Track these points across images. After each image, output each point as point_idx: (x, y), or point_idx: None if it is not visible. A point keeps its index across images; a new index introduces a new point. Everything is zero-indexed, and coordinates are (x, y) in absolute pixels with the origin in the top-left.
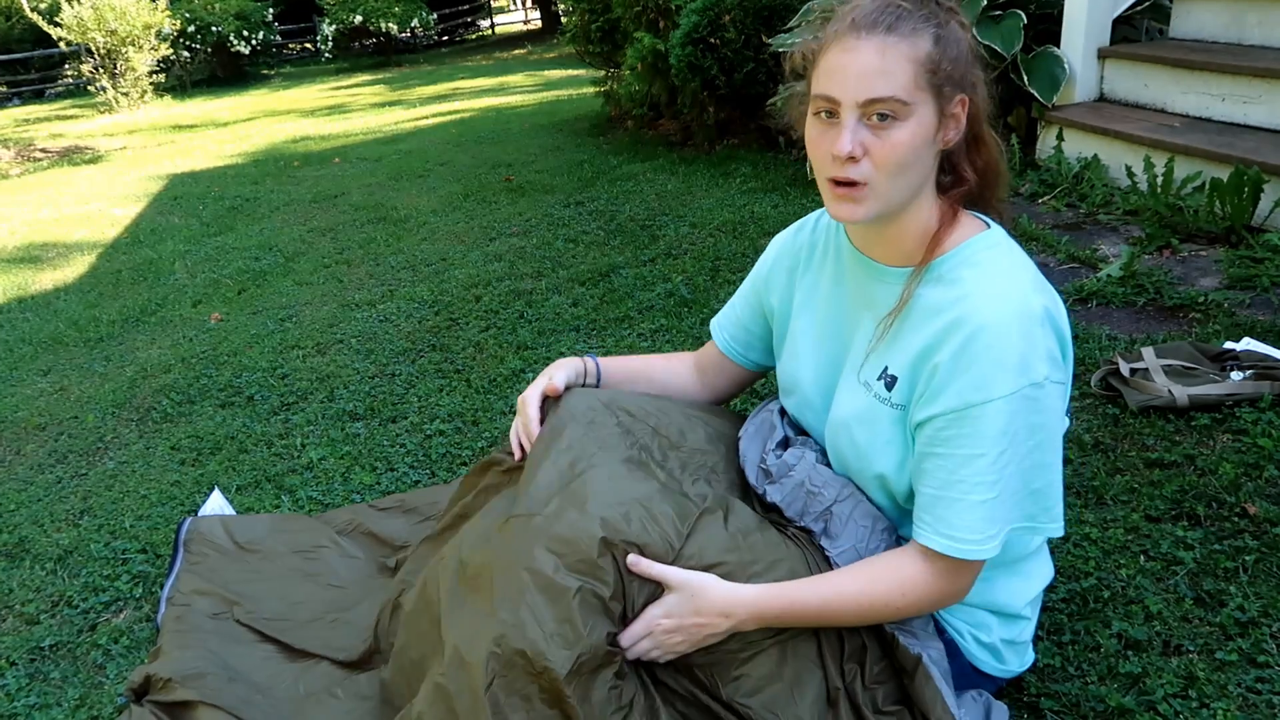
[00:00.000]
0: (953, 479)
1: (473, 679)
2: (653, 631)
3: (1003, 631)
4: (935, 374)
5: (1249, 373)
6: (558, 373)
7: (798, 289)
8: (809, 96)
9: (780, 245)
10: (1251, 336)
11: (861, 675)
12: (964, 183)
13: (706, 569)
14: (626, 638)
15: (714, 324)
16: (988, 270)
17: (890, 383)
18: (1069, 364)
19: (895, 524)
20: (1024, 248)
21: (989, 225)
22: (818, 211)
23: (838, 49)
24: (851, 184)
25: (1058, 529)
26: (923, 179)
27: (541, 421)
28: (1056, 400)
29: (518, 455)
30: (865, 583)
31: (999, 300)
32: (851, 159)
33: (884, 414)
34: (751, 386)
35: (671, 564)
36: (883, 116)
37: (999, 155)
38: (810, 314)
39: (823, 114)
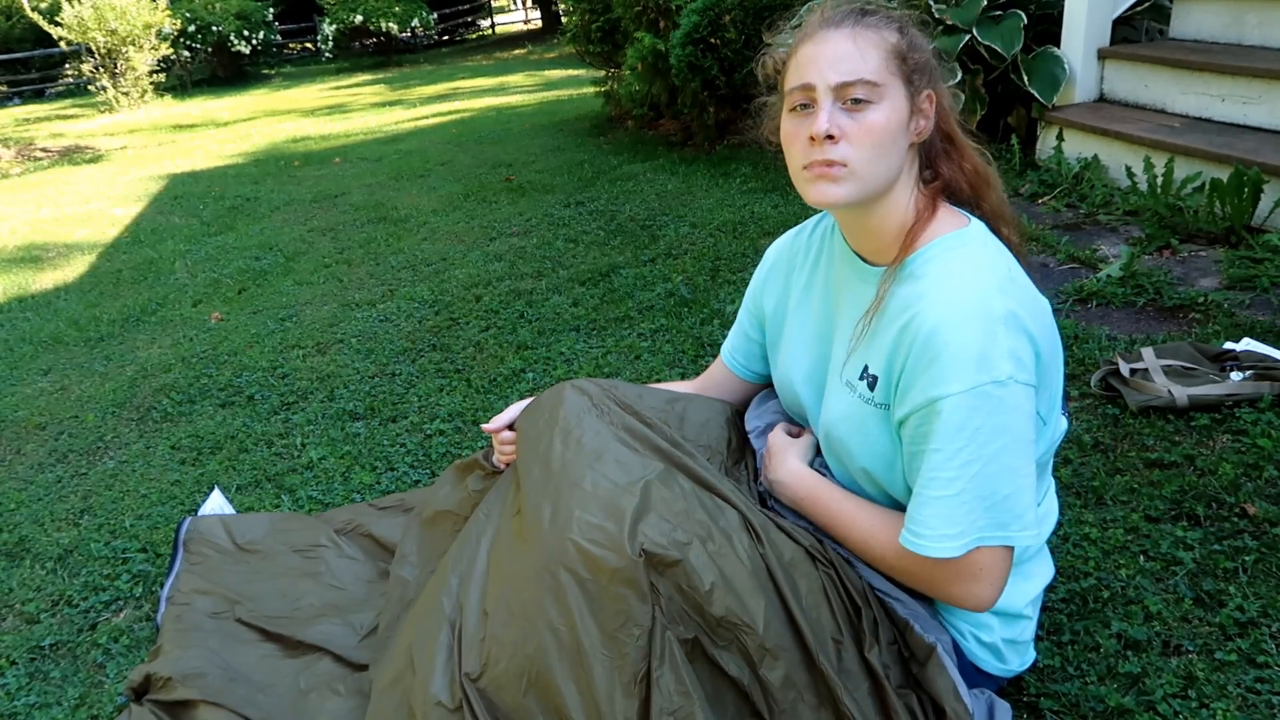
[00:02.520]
0: (922, 475)
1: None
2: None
3: (1004, 631)
4: (903, 373)
5: (1248, 373)
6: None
7: (791, 292)
8: (782, 101)
9: (778, 250)
10: (1251, 337)
11: (879, 650)
12: (941, 179)
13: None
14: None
15: (726, 341)
16: (948, 268)
17: (872, 382)
18: (1049, 369)
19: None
20: (1025, 249)
21: (969, 221)
22: (816, 216)
23: (810, 44)
24: (830, 163)
25: (1030, 537)
26: (899, 166)
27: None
28: (1024, 401)
29: (502, 467)
30: (881, 528)
31: (954, 299)
32: (830, 138)
33: (870, 414)
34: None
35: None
36: (857, 101)
37: (981, 161)
38: (802, 317)
39: (798, 107)
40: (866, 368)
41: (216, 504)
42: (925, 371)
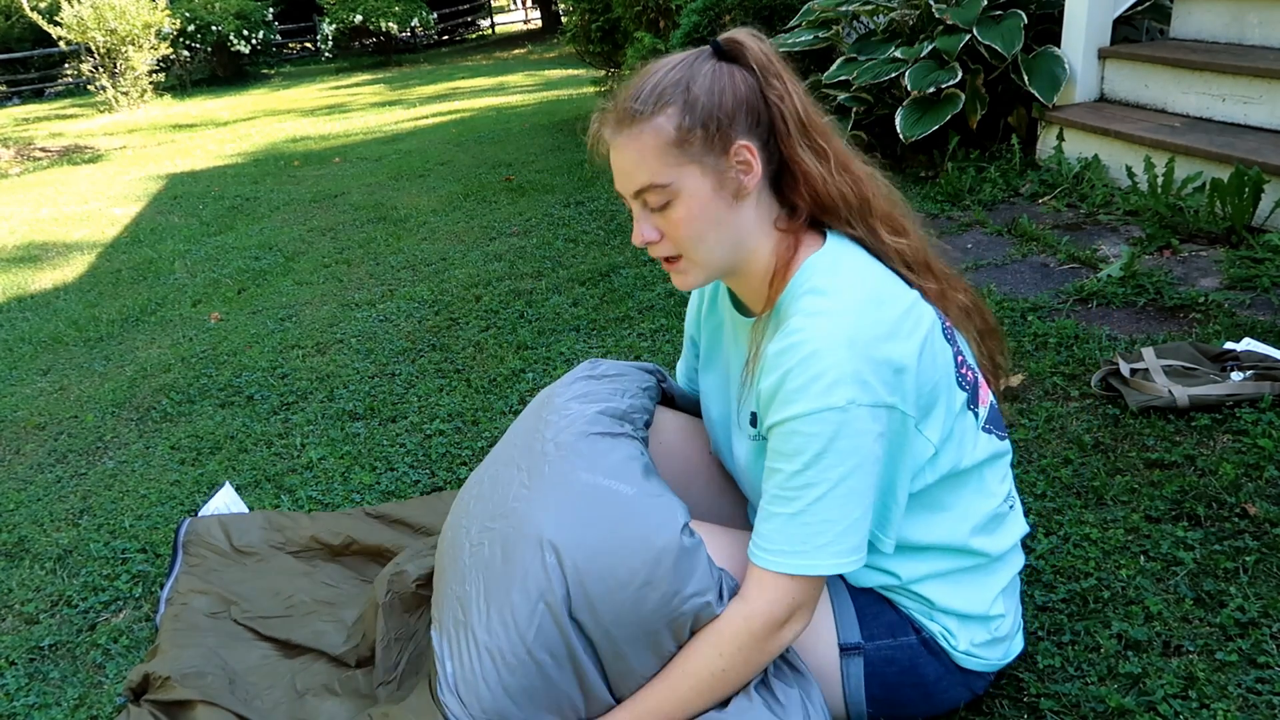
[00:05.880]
0: (767, 492)
1: None
2: None
3: (972, 635)
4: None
5: (1249, 373)
6: None
7: (703, 333)
8: None
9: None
10: (1252, 337)
11: None
12: (799, 214)
13: None
14: None
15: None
16: (810, 306)
17: (754, 420)
18: (932, 384)
19: None
20: (1025, 248)
21: (824, 239)
22: None
23: (611, 151)
24: (667, 260)
25: (852, 564)
26: (739, 232)
27: None
28: (867, 423)
29: None
30: (677, 667)
31: (816, 332)
32: (651, 243)
33: (762, 451)
34: None
35: None
36: (660, 200)
37: (824, 180)
38: (712, 360)
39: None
40: (754, 414)
41: (227, 499)
42: (776, 396)
